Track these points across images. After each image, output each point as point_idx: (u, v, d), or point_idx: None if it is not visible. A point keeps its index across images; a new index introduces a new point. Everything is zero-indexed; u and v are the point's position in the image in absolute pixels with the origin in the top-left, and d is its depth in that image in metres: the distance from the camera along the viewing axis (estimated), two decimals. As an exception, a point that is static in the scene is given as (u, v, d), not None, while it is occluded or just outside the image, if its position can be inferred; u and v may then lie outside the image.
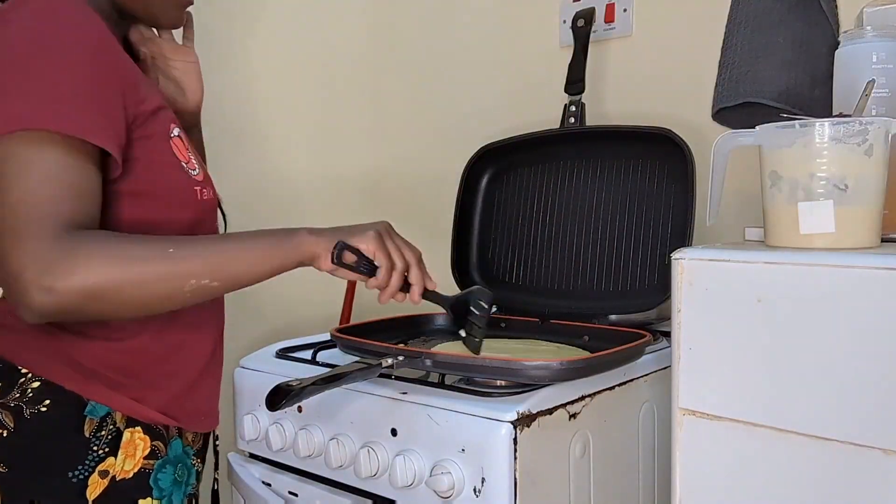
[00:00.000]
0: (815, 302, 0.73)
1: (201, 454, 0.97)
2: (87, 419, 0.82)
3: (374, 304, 1.86)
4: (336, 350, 1.12)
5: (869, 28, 0.92)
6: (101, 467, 0.83)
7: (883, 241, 0.80)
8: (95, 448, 0.82)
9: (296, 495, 1.06)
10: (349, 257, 0.88)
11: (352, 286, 1.79)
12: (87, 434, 0.82)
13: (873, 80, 0.85)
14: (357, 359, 0.97)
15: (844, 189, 0.76)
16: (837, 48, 0.96)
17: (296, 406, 1.04)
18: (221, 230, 1.05)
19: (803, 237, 0.78)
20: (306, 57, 1.78)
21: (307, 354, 1.17)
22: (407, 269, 0.93)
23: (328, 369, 0.95)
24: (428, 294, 0.96)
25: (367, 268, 0.90)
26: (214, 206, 0.94)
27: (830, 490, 0.73)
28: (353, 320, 1.75)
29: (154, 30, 0.98)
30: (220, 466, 1.09)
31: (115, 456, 0.83)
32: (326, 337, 1.17)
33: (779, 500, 0.76)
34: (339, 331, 1.12)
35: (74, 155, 0.74)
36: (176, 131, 0.88)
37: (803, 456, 0.74)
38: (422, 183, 1.82)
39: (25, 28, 0.75)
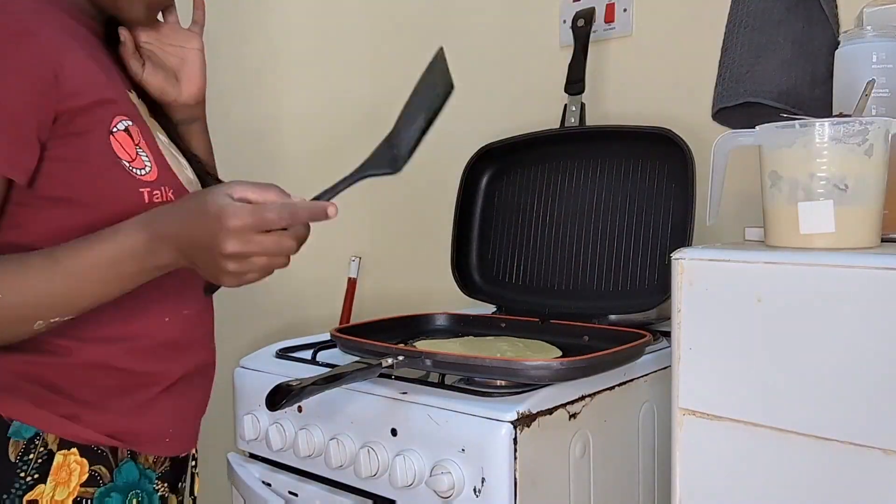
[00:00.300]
0: (815, 302, 0.73)
1: (169, 476, 0.87)
2: (11, 441, 0.74)
3: (374, 304, 1.87)
4: (336, 350, 1.12)
5: (869, 28, 0.92)
6: (29, 496, 0.73)
7: (883, 241, 0.80)
8: (22, 475, 0.73)
9: (296, 495, 1.06)
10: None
11: (352, 286, 1.79)
12: (12, 458, 0.73)
13: (873, 80, 0.85)
14: (357, 359, 0.97)
15: (844, 189, 0.76)
16: (837, 48, 0.96)
17: (296, 406, 1.04)
18: None
19: (803, 237, 0.78)
20: (305, 57, 1.78)
21: (307, 354, 1.17)
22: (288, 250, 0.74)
23: (328, 369, 0.95)
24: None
25: None
26: None
27: (830, 490, 0.73)
28: (353, 320, 1.75)
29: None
30: (220, 467, 1.09)
31: (46, 483, 0.74)
32: (326, 337, 1.17)
33: (779, 500, 0.76)
34: (339, 331, 1.12)
35: None
36: (122, 125, 0.78)
37: (803, 456, 0.74)
38: (422, 183, 1.82)
39: None
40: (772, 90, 1.09)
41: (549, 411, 0.89)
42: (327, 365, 1.08)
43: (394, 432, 0.94)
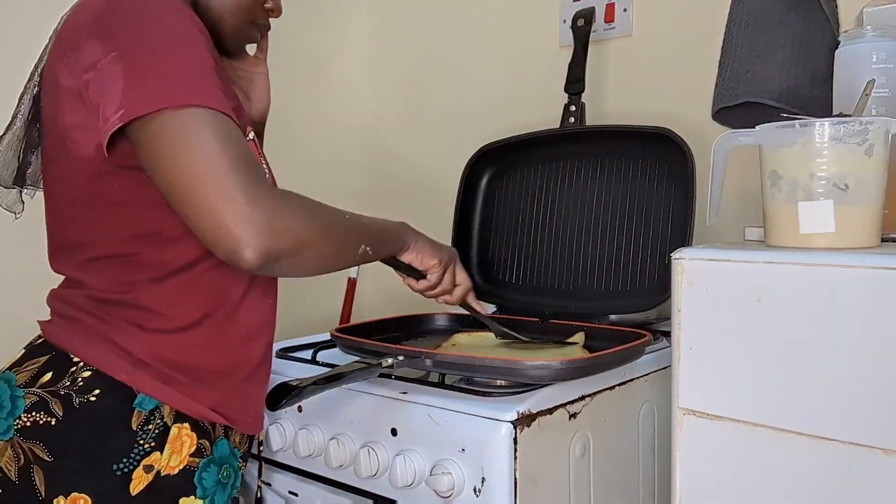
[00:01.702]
0: (815, 302, 0.73)
1: (246, 458, 0.96)
2: (136, 412, 0.81)
3: (374, 304, 1.86)
4: (336, 350, 1.12)
5: (869, 28, 0.92)
6: (146, 462, 0.81)
7: (883, 240, 0.80)
8: (142, 442, 0.81)
9: (296, 495, 1.06)
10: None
11: (352, 286, 1.79)
12: (134, 427, 0.81)
13: (873, 80, 0.85)
14: (357, 359, 0.97)
15: (844, 189, 0.76)
16: (837, 48, 0.96)
17: (296, 406, 1.04)
18: None
19: (803, 237, 0.78)
20: (306, 57, 1.78)
21: (307, 354, 1.17)
22: (465, 290, 1.10)
23: (328, 369, 0.95)
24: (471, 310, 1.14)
25: (416, 274, 1.04)
26: None
27: (831, 490, 0.73)
28: (353, 320, 1.75)
29: None
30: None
31: (161, 451, 0.82)
32: (326, 337, 1.17)
33: (779, 500, 0.76)
34: (339, 331, 1.12)
35: (234, 127, 0.77)
36: (251, 135, 0.89)
37: (803, 455, 0.74)
38: (422, 183, 1.82)
39: (150, 18, 0.78)
40: (772, 90, 1.09)
41: (549, 411, 0.89)
42: (327, 365, 1.08)
43: (394, 432, 0.94)
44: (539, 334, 1.18)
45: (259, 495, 1.07)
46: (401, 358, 0.95)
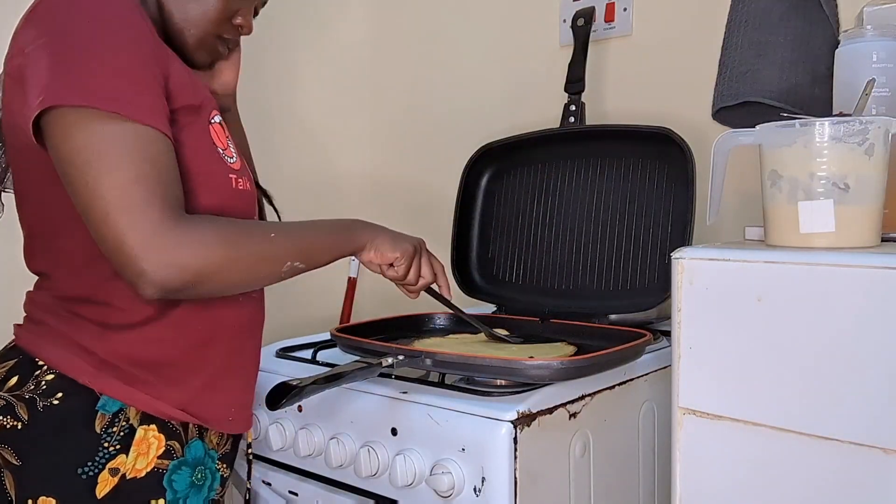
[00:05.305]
0: (815, 301, 0.73)
1: (228, 459, 0.94)
2: (99, 414, 0.80)
3: (373, 304, 1.86)
4: (336, 350, 1.12)
5: (869, 27, 0.92)
6: (111, 464, 0.80)
7: (883, 240, 0.80)
8: (106, 444, 0.80)
9: (296, 495, 1.06)
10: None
11: (352, 286, 1.79)
12: (97, 430, 0.80)
13: (873, 80, 0.85)
14: (357, 358, 0.97)
15: (845, 188, 0.76)
16: (837, 47, 0.96)
17: (296, 405, 1.04)
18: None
19: (803, 236, 0.78)
20: (306, 56, 1.78)
21: (307, 354, 1.17)
22: (427, 282, 1.05)
23: (328, 369, 0.95)
24: (440, 299, 1.09)
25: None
26: (252, 198, 0.92)
27: (830, 489, 0.73)
28: (353, 320, 1.75)
29: None
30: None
31: (127, 453, 0.81)
32: (326, 337, 1.17)
33: (779, 500, 0.76)
34: (339, 330, 1.12)
35: (160, 139, 0.76)
36: (217, 118, 0.89)
37: (803, 455, 0.74)
38: (422, 182, 1.82)
39: (86, 11, 0.77)
40: (772, 89, 1.09)
41: (550, 411, 0.89)
42: (327, 364, 1.08)
43: (394, 432, 0.94)
44: (539, 334, 1.18)
45: (247, 497, 1.06)
46: (401, 357, 0.95)
